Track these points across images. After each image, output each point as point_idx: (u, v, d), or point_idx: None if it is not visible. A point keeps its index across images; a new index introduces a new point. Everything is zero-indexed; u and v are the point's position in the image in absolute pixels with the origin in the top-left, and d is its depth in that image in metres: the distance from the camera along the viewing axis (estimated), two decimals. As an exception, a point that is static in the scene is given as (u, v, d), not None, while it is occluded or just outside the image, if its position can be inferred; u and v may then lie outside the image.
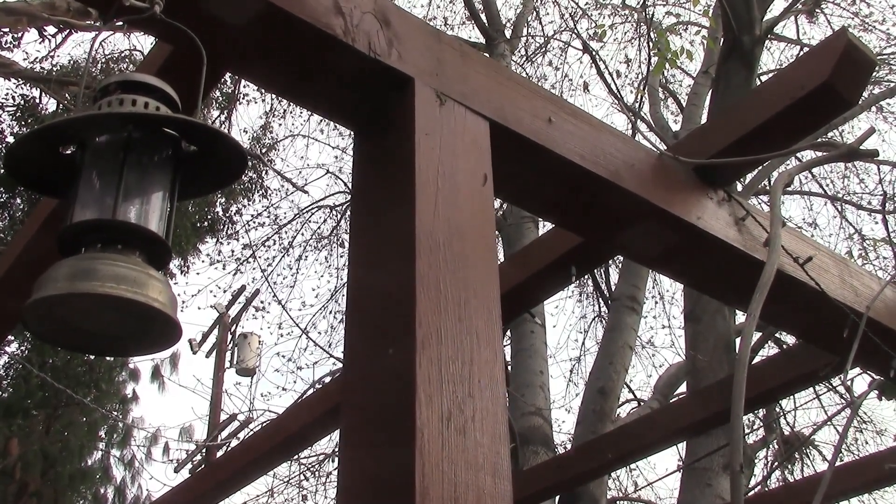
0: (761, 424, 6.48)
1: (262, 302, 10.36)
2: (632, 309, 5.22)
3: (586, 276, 6.81)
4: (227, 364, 11.63)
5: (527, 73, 8.31)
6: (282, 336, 14.58)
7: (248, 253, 8.93)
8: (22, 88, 9.66)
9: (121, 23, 1.18)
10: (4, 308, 2.18)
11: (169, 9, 1.19)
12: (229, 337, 11.87)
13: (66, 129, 1.13)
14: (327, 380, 6.45)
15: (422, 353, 1.13)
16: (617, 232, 1.77)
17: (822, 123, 1.81)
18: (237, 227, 9.42)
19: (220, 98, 8.33)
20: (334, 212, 8.80)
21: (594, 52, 7.54)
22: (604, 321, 6.95)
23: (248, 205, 9.55)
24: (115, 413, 13.76)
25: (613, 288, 6.30)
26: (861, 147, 1.84)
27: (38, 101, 9.55)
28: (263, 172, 8.96)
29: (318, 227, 9.02)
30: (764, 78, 6.56)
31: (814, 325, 2.04)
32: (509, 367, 5.05)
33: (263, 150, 9.06)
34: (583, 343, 8.32)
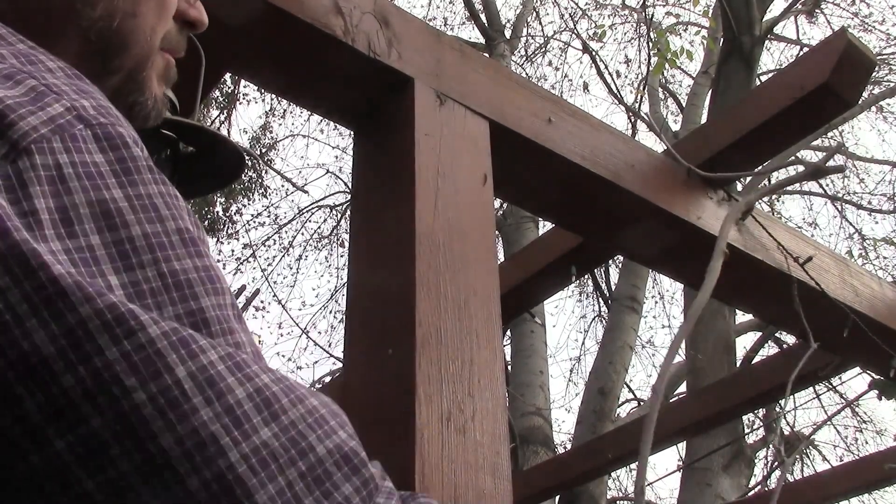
0: (761, 424, 6.49)
1: (262, 302, 10.35)
2: (632, 309, 5.22)
3: (586, 276, 6.81)
4: (227, 364, 11.60)
5: (527, 73, 8.31)
6: (282, 336, 14.58)
7: (248, 253, 8.93)
8: (22, 88, 9.64)
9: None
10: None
11: (168, 9, 1.19)
12: (229, 337, 11.84)
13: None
14: (327, 380, 6.45)
15: (422, 353, 1.13)
16: (617, 232, 1.77)
17: (821, 123, 1.82)
18: (237, 226, 9.42)
19: (220, 98, 8.33)
20: (334, 212, 8.81)
21: (594, 53, 7.55)
22: (604, 321, 6.95)
23: (248, 204, 9.55)
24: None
25: (613, 288, 6.30)
26: (828, 165, 1.84)
27: (37, 101, 9.53)
28: (263, 172, 8.96)
29: (318, 227, 9.03)
30: (764, 78, 6.56)
31: (814, 325, 2.03)
32: (509, 367, 5.05)
33: (263, 150, 9.06)
34: (583, 343, 8.35)
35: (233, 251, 9.27)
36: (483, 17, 7.74)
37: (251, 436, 0.48)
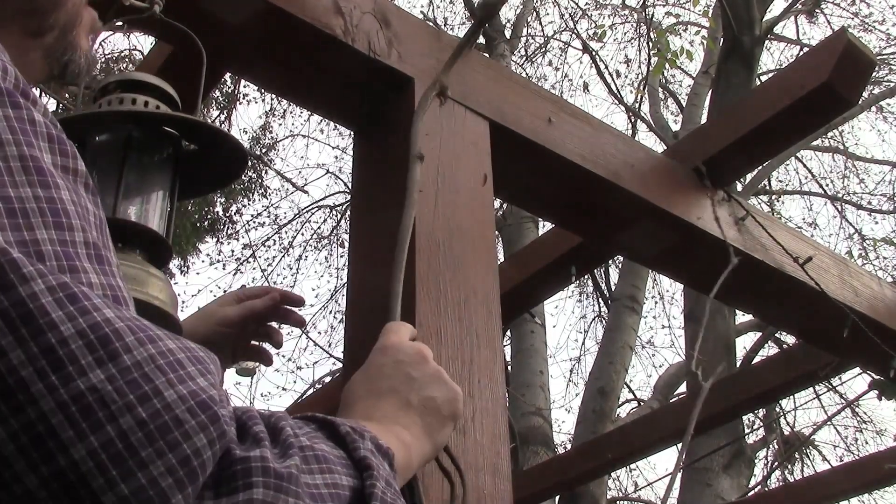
0: (761, 424, 6.48)
1: (262, 302, 10.32)
2: (632, 309, 5.22)
3: (586, 276, 6.81)
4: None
5: (527, 73, 8.31)
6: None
7: (248, 253, 8.93)
8: (22, 88, 9.63)
9: (121, 23, 1.18)
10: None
11: (169, 9, 1.19)
12: (229, 337, 11.83)
13: (66, 128, 1.12)
14: (327, 380, 6.45)
15: (422, 353, 1.13)
16: (617, 232, 1.77)
17: (821, 123, 1.82)
18: (237, 226, 9.41)
19: (220, 98, 8.32)
20: (334, 212, 8.80)
21: (594, 52, 7.55)
22: (604, 321, 6.95)
23: (248, 205, 9.54)
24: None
25: (613, 288, 6.30)
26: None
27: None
28: (263, 172, 8.96)
29: (318, 227, 9.03)
30: (764, 78, 6.56)
31: (814, 325, 2.04)
32: (509, 367, 5.05)
33: (263, 150, 9.05)
34: (583, 343, 8.34)
35: (233, 251, 9.26)
36: (483, 17, 7.72)
37: (74, 380, 0.43)
